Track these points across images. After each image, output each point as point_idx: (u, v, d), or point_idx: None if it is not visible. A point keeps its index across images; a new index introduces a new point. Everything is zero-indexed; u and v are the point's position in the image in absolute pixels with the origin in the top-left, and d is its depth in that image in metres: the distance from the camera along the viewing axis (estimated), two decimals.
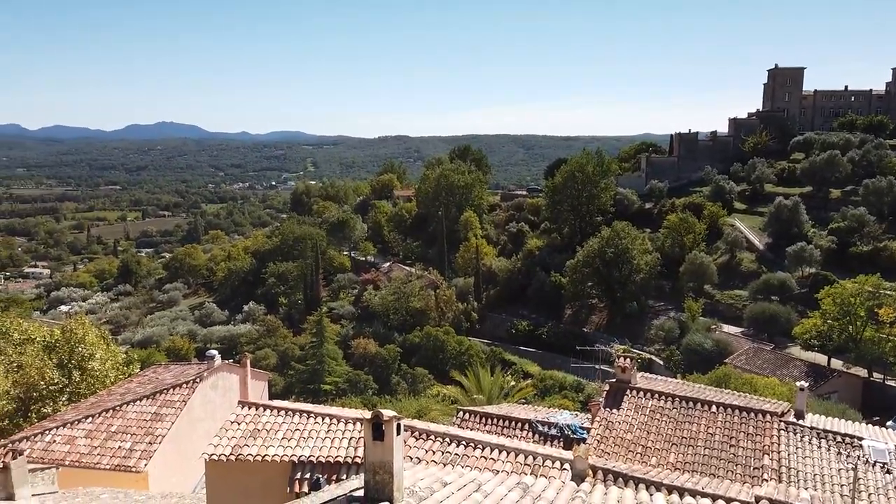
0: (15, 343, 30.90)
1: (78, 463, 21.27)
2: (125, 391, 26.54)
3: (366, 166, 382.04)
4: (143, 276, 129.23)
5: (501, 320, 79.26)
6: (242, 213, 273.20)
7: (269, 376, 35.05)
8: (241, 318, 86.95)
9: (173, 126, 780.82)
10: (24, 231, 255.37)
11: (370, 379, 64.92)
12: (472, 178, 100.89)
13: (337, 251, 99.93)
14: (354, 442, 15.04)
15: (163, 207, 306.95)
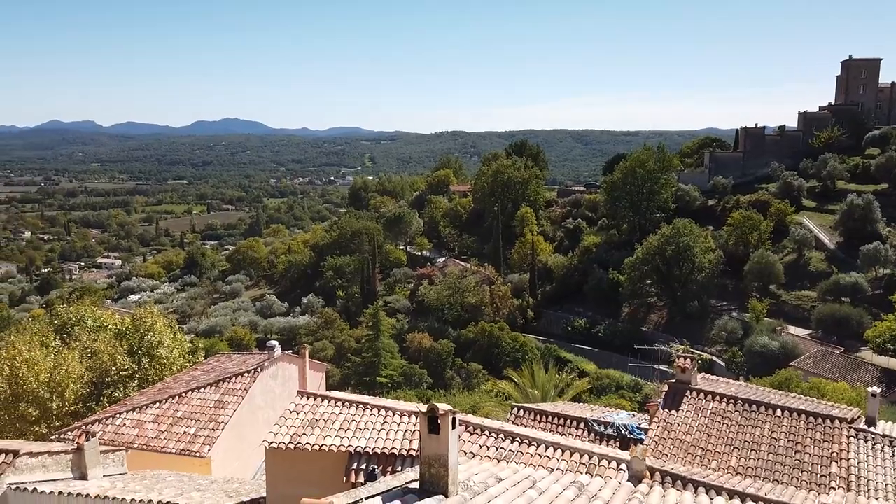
0: (89, 330, 32.31)
1: (146, 446, 22.11)
2: (190, 378, 27.47)
3: (422, 162, 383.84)
4: (208, 267, 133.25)
5: (557, 317, 78.55)
6: (302, 207, 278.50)
7: (326, 367, 35.72)
8: (299, 311, 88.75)
9: (238, 122, 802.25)
10: (98, 223, 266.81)
11: (425, 373, 65.34)
12: (529, 173, 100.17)
13: (393, 246, 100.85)
14: (409, 434, 15.18)
15: (227, 201, 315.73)
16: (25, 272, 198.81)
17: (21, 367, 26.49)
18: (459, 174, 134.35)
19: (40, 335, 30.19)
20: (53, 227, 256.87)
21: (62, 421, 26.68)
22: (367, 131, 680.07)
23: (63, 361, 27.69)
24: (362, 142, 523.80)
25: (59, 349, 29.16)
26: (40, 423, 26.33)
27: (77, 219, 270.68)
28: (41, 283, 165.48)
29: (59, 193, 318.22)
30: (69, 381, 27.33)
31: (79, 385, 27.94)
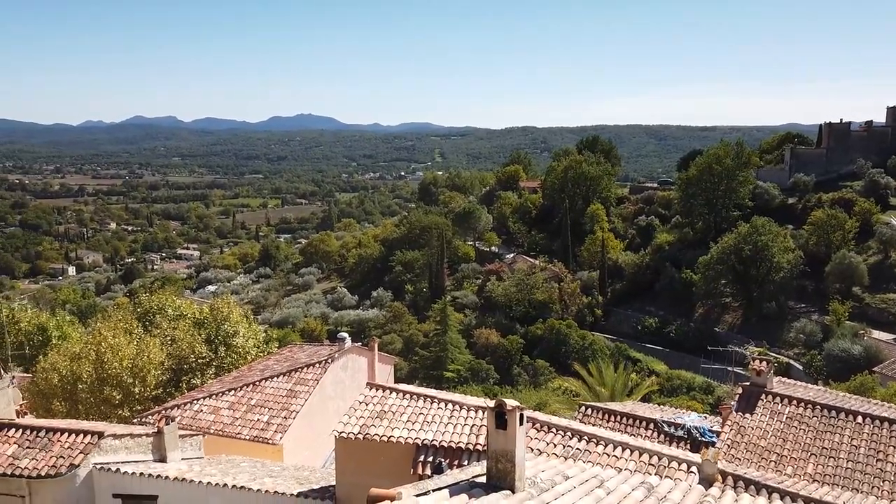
0: (169, 318, 33.76)
1: (221, 432, 22.95)
2: (264, 367, 28.35)
3: (492, 157, 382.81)
4: (282, 260, 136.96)
5: (627, 316, 77.08)
6: (373, 202, 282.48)
7: (394, 360, 36.19)
8: (369, 304, 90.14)
9: (312, 118, 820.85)
10: (178, 215, 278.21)
11: (491, 369, 65.33)
12: (600, 169, 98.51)
13: (462, 241, 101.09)
14: (476, 429, 15.23)
15: (300, 196, 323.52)
16: (111, 262, 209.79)
17: (106, 352, 27.91)
18: (529, 170, 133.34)
19: (124, 322, 31.72)
20: (137, 218, 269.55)
21: (143, 405, 27.98)
22: (437, 126, 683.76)
23: (145, 348, 29.03)
24: (432, 137, 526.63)
25: (142, 336, 30.58)
26: (123, 407, 27.67)
27: (159, 211, 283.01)
28: (125, 273, 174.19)
29: (143, 186, 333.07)
30: (151, 366, 28.63)
31: (159, 371, 29.23)
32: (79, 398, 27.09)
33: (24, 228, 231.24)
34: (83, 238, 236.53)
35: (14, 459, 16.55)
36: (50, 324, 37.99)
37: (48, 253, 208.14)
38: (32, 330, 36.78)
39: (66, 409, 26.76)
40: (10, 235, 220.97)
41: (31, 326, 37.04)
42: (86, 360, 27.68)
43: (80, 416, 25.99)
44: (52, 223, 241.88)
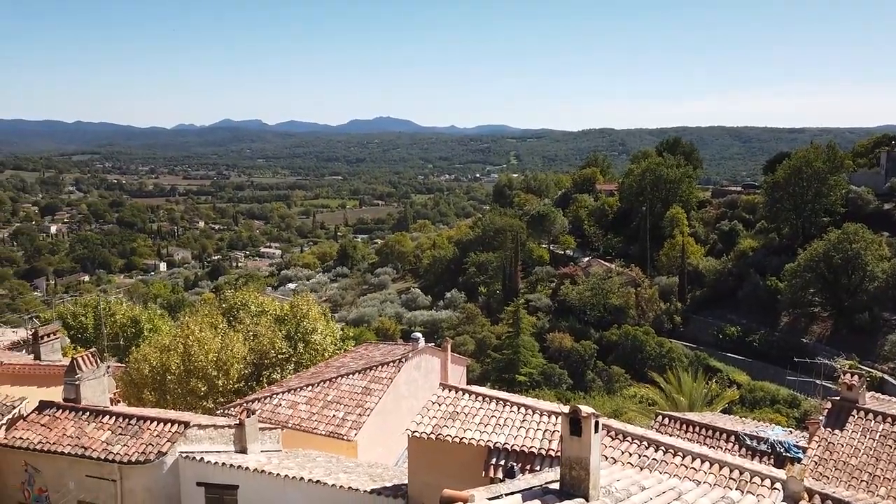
0: (252, 314, 34.95)
1: (298, 426, 23.59)
2: (340, 365, 28.96)
3: (568, 159, 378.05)
4: (358, 260, 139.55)
5: (707, 323, 74.48)
6: (448, 203, 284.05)
7: (467, 362, 36.29)
8: (442, 305, 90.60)
9: (390, 121, 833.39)
10: (262, 215, 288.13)
11: (565, 373, 64.51)
12: (681, 172, 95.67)
13: (536, 244, 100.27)
14: (549, 434, 15.07)
15: (377, 197, 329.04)
16: (198, 259, 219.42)
17: (193, 345, 29.17)
18: (606, 172, 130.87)
19: (210, 317, 33.06)
20: (223, 217, 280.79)
21: (226, 397, 29.07)
22: (513, 129, 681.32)
23: (229, 342, 30.16)
24: (508, 139, 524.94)
25: (226, 331, 31.79)
26: (207, 399, 28.84)
27: (244, 211, 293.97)
28: (211, 270, 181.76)
29: (229, 187, 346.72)
30: (234, 360, 29.72)
31: (241, 365, 30.30)
32: (167, 388, 28.42)
33: (120, 226, 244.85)
34: (174, 236, 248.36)
35: (108, 445, 17.54)
36: (142, 317, 40.04)
37: (142, 249, 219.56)
38: (127, 322, 38.85)
39: (155, 399, 28.12)
40: (108, 232, 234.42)
41: (126, 319, 39.13)
42: (174, 352, 29.01)
43: (167, 405, 27.26)
44: (146, 221, 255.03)
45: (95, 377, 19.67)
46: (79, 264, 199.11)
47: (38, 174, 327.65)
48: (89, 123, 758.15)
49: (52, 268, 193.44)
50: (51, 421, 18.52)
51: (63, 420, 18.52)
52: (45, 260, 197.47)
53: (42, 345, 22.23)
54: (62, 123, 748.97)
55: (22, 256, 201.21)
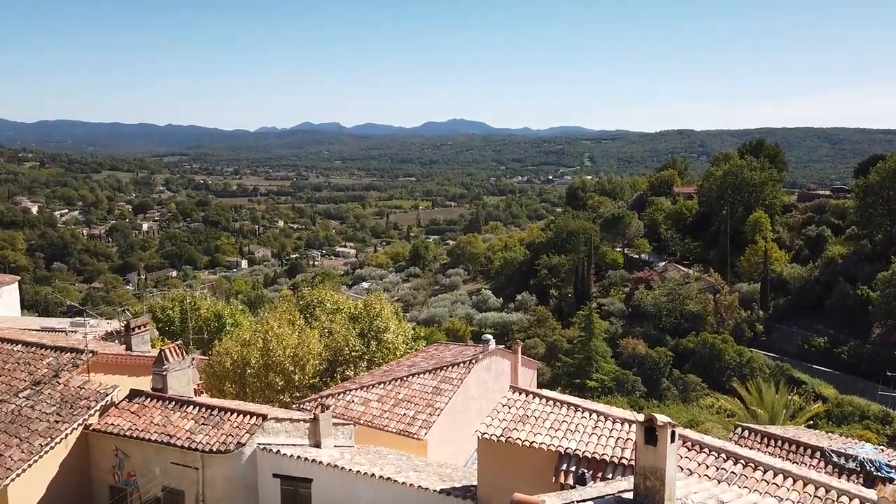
0: (328, 312, 35.79)
1: (370, 423, 23.98)
2: (411, 364, 29.28)
3: (644, 161, 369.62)
4: (430, 260, 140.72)
5: (791, 333, 71.16)
6: (520, 205, 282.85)
7: (538, 365, 36.04)
8: (513, 307, 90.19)
9: (463, 123, 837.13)
10: (338, 215, 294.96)
11: (638, 380, 63.02)
12: (765, 175, 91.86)
13: (610, 247, 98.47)
14: (622, 442, 14.79)
15: (449, 198, 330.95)
16: (278, 257, 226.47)
17: (272, 340, 30.12)
18: (685, 175, 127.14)
19: (288, 313, 34.03)
20: (302, 217, 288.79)
21: (302, 392, 29.85)
22: (587, 130, 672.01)
23: (305, 339, 30.98)
24: (582, 141, 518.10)
25: (303, 327, 32.67)
26: (284, 393, 29.69)
27: (321, 211, 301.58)
28: (290, 267, 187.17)
29: (308, 188, 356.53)
30: (310, 356, 30.50)
31: (317, 361, 31.06)
32: (247, 381, 29.44)
33: (206, 224, 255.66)
34: (255, 234, 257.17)
35: (191, 434, 18.34)
36: (225, 312, 41.60)
37: (225, 247, 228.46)
38: (210, 317, 40.47)
39: (235, 391, 29.18)
40: (194, 230, 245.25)
41: (209, 313, 40.76)
42: (254, 346, 30.03)
43: (247, 398, 28.24)
44: (229, 220, 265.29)
45: (181, 368, 20.61)
46: (167, 260, 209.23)
47: (132, 174, 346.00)
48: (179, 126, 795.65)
49: (143, 263, 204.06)
50: (140, 409, 19.52)
51: (151, 408, 19.49)
52: (136, 256, 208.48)
53: (133, 336, 23.42)
54: (155, 126, 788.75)
55: (116, 252, 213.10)
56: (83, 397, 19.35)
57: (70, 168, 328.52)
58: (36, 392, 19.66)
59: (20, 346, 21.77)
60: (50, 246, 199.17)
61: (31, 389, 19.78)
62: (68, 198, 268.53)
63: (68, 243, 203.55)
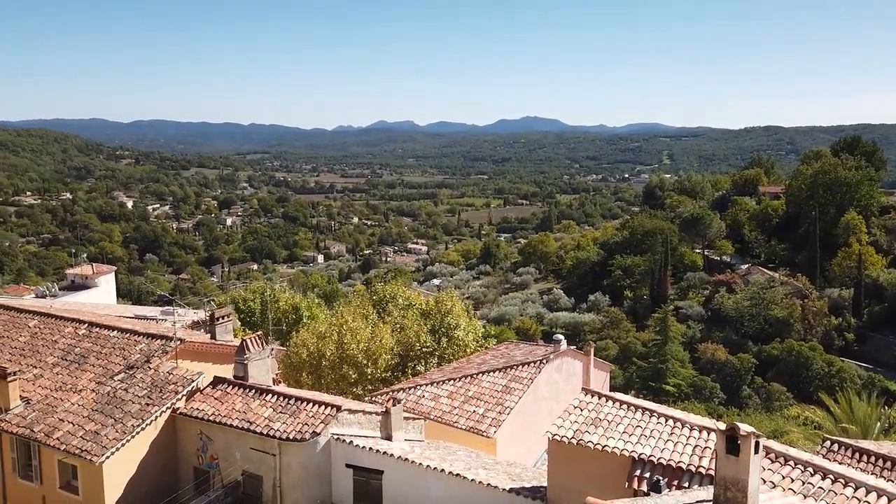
0: (400, 307, 36.26)
1: (440, 419, 24.14)
2: (481, 361, 29.28)
3: (727, 160, 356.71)
4: (501, 259, 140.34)
5: (887, 343, 67.19)
6: (594, 204, 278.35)
7: (610, 367, 35.39)
8: (585, 307, 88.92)
9: (537, 120, 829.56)
10: (410, 213, 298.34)
11: (717, 387, 61.01)
12: (860, 174, 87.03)
13: (688, 248, 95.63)
14: (700, 451, 14.33)
15: (521, 196, 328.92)
16: (352, 252, 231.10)
17: (346, 334, 30.77)
18: (771, 174, 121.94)
19: (361, 308, 34.69)
20: (375, 214, 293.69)
21: (374, 385, 30.38)
22: (666, 127, 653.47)
23: (378, 333, 31.50)
24: (660, 138, 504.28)
25: (376, 322, 33.23)
26: (357, 385, 30.30)
27: (394, 208, 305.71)
28: (363, 263, 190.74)
29: (381, 185, 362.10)
30: (382, 350, 31.00)
31: (389, 356, 31.53)
32: (322, 373, 30.20)
33: (285, 220, 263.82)
34: (331, 230, 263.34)
35: (269, 421, 18.98)
36: (302, 305, 42.82)
37: (303, 242, 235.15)
38: (288, 309, 41.74)
39: (311, 382, 29.98)
40: (274, 226, 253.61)
41: (287, 306, 42.05)
42: (329, 339, 30.76)
43: (322, 389, 28.96)
44: (307, 216, 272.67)
45: (261, 358, 21.35)
46: (249, 254, 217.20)
47: (218, 171, 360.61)
48: (262, 125, 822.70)
49: (227, 256, 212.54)
50: (223, 395, 20.35)
51: (233, 395, 20.28)
52: (221, 249, 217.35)
53: (217, 326, 24.40)
54: (239, 126, 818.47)
55: (202, 245, 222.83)
56: (171, 382, 20.33)
57: (162, 165, 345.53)
58: (129, 376, 20.79)
59: (116, 332, 23.07)
60: (143, 238, 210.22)
61: (125, 373, 20.94)
62: (160, 193, 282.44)
63: (159, 236, 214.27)
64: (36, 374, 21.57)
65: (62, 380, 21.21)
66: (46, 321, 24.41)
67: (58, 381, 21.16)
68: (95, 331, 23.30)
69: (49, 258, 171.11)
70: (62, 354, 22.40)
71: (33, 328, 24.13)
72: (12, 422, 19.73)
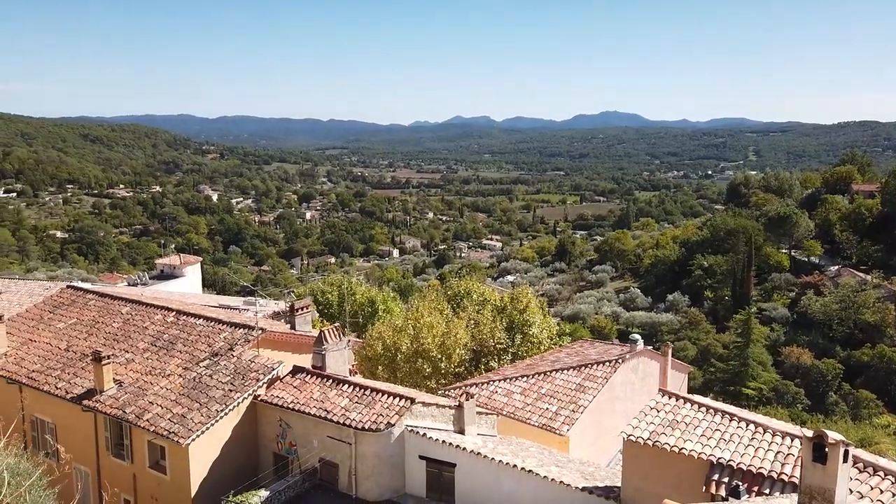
0: (475, 303, 36.39)
1: (512, 415, 24.16)
2: (555, 359, 29.11)
3: (818, 156, 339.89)
4: (576, 256, 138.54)
5: None
6: (674, 201, 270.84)
7: (688, 369, 34.45)
8: (663, 307, 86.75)
9: (616, 115, 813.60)
10: (485, 208, 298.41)
11: (801, 392, 58.35)
12: None
13: (774, 248, 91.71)
14: (782, 457, 13.84)
15: (599, 193, 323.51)
16: (426, 247, 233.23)
17: (422, 328, 31.16)
18: (866, 171, 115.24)
19: (436, 303, 35.02)
20: (450, 210, 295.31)
21: (447, 380, 30.65)
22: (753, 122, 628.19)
23: (452, 328, 31.74)
24: (747, 133, 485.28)
25: (450, 317, 33.48)
26: (431, 379, 30.64)
27: (469, 204, 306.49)
28: (437, 258, 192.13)
29: (457, 181, 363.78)
30: (456, 345, 31.23)
31: (463, 351, 31.73)
32: (397, 366, 30.72)
33: (362, 214, 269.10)
34: (406, 225, 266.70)
35: (346, 411, 19.50)
36: (378, 298, 43.56)
37: (378, 236, 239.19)
38: (364, 302, 42.57)
39: (386, 375, 30.54)
40: (351, 220, 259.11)
41: (364, 299, 42.89)
42: (405, 333, 31.23)
43: (396, 381, 29.46)
44: (383, 211, 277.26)
45: (339, 349, 21.96)
46: (327, 247, 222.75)
47: (298, 166, 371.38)
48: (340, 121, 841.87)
49: (306, 249, 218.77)
50: (301, 384, 21.05)
51: (311, 384, 20.95)
52: (300, 242, 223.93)
53: (297, 316, 25.26)
54: (319, 122, 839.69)
55: (283, 238, 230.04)
56: (253, 370, 21.19)
57: (245, 160, 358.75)
58: (214, 363, 21.79)
59: (202, 320, 24.20)
60: (227, 231, 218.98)
61: (209, 360, 21.96)
62: (243, 187, 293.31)
63: (242, 229, 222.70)
64: (128, 359, 22.86)
65: (152, 364, 22.40)
66: (138, 308, 25.83)
67: (148, 366, 22.37)
68: (183, 319, 24.50)
69: (140, 248, 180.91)
70: (152, 340, 23.67)
71: (126, 315, 25.57)
72: (106, 403, 20.99)
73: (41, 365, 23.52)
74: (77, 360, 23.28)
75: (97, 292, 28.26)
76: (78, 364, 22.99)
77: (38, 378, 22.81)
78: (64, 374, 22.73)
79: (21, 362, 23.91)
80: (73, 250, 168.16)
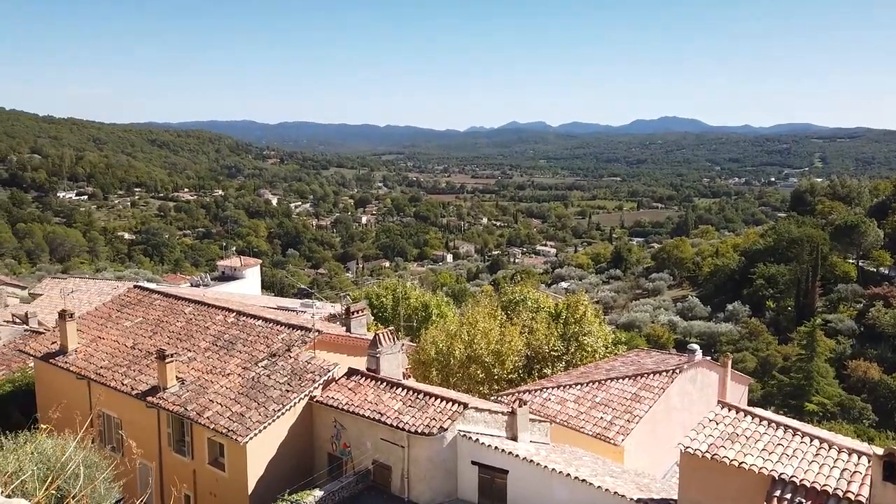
0: (529, 310, 36.20)
1: (566, 423, 23.92)
2: (610, 368, 28.70)
3: (888, 163, 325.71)
4: (633, 263, 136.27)
5: None
6: (735, 209, 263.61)
7: (749, 381, 33.46)
8: (722, 317, 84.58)
9: (675, 120, 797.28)
10: (540, 214, 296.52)
11: (868, 408, 55.96)
12: None
13: (840, 258, 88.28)
14: (849, 475, 13.32)
15: (656, 199, 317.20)
16: (480, 253, 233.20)
17: (476, 334, 31.18)
18: None
19: (490, 308, 34.96)
20: (504, 215, 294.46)
21: (500, 386, 30.57)
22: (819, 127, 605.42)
23: (506, 334, 31.66)
24: (812, 139, 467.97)
25: (504, 323, 33.39)
26: (484, 385, 30.62)
27: (523, 209, 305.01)
28: (491, 264, 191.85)
29: (511, 186, 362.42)
30: (510, 352, 31.13)
31: (516, 357, 31.60)
32: (450, 371, 30.80)
33: (416, 219, 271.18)
34: (460, 230, 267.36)
35: (399, 414, 19.68)
36: (432, 302, 43.75)
37: (433, 241, 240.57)
38: (418, 306, 42.82)
39: (439, 379, 30.67)
40: (406, 224, 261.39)
41: (418, 303, 43.14)
42: (459, 339, 31.31)
43: (449, 386, 29.55)
44: (437, 216, 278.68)
45: (393, 352, 22.19)
46: (382, 251, 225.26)
47: (355, 171, 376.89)
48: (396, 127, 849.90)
49: (361, 253, 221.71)
50: (356, 386, 21.35)
51: (365, 386, 21.23)
52: (356, 246, 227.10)
53: (352, 319, 25.63)
54: (375, 127, 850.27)
55: (339, 242, 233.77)
56: (309, 371, 21.60)
57: (304, 165, 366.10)
58: (272, 363, 22.31)
59: (260, 321, 24.81)
60: (285, 234, 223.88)
61: (268, 360, 22.49)
62: (302, 192, 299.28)
63: (300, 232, 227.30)
64: (190, 357, 23.60)
65: (212, 363, 23.07)
66: (200, 309, 26.63)
67: (209, 365, 23.04)
68: (242, 319, 25.14)
69: (202, 250, 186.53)
70: (213, 340, 24.36)
71: (189, 315, 26.40)
72: (169, 400, 21.71)
73: (109, 362, 24.50)
74: (142, 357, 24.18)
75: (162, 292, 29.24)
76: (143, 361, 23.87)
77: (105, 374, 23.77)
78: (130, 370, 23.62)
79: (90, 359, 24.97)
80: (139, 251, 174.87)
